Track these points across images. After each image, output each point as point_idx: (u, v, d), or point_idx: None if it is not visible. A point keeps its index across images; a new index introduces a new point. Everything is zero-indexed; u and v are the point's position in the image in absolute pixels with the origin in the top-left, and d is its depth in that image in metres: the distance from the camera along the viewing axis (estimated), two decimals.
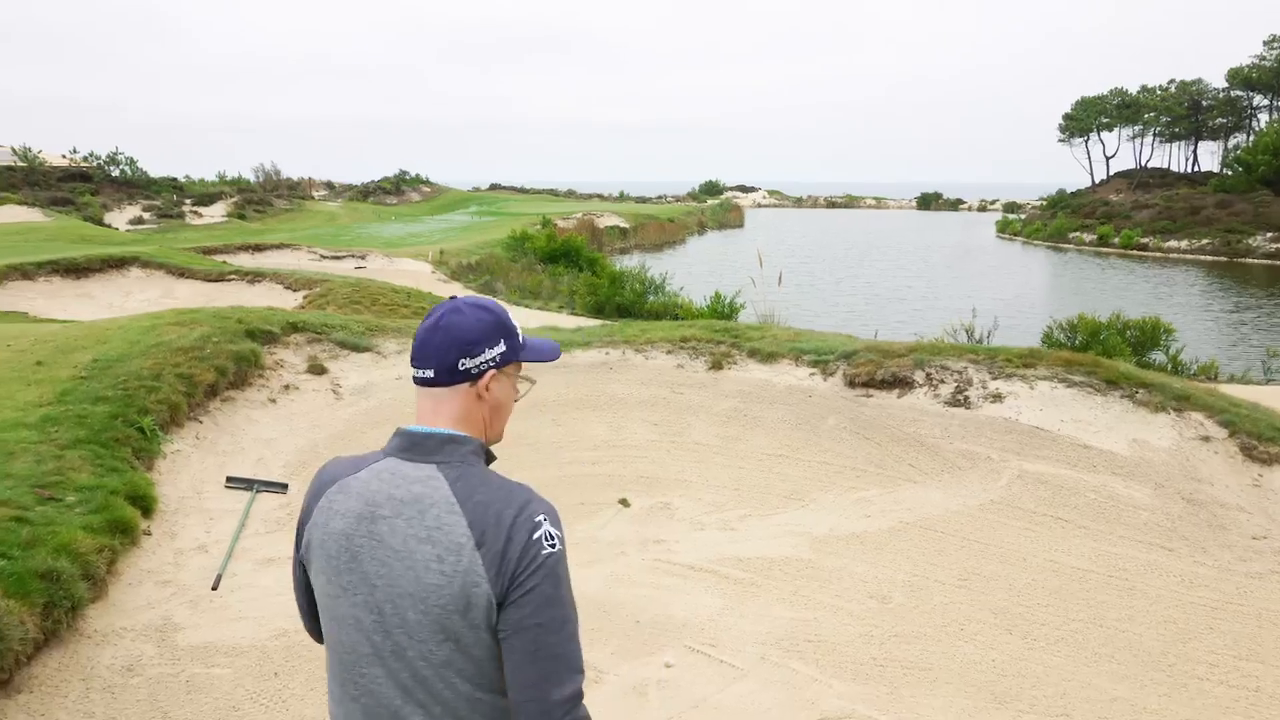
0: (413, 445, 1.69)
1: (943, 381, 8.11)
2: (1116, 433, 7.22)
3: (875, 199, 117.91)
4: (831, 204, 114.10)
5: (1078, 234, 55.77)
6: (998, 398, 7.80)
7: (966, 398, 7.89)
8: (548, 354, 1.87)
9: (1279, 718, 4.09)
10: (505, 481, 1.69)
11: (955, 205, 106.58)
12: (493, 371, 1.73)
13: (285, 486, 6.45)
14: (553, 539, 1.62)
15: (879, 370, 8.33)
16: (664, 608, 5.09)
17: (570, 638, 1.60)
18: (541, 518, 1.63)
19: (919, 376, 8.21)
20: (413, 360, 1.75)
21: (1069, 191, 72.48)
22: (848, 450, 7.46)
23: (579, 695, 1.59)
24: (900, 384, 8.22)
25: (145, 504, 5.51)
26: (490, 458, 1.77)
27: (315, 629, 1.83)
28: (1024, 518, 6.29)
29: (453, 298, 1.79)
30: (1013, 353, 8.39)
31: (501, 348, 1.74)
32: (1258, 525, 6.06)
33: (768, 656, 4.58)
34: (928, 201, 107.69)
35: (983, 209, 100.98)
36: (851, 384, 8.39)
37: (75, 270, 17.14)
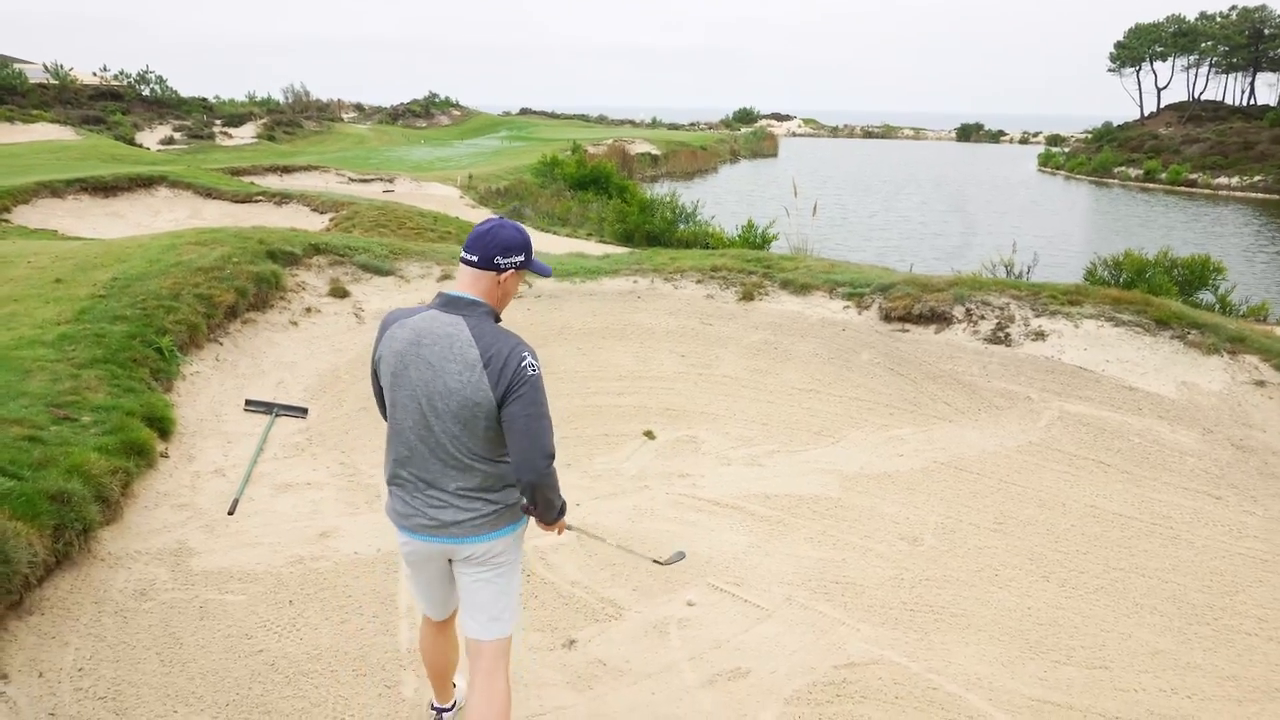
0: (448, 303, 2.68)
1: (983, 318, 7.78)
2: (1165, 375, 6.89)
3: (913, 130, 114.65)
4: (868, 134, 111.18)
5: (1123, 169, 53.90)
6: (1040, 336, 7.47)
7: (1007, 335, 7.57)
8: (543, 271, 2.86)
9: None
10: (504, 331, 2.66)
11: (996, 137, 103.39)
12: (512, 271, 2.71)
13: (305, 411, 6.34)
14: (534, 367, 2.61)
15: (916, 304, 8.01)
16: (687, 544, 4.92)
17: (546, 427, 2.62)
18: (525, 353, 2.61)
19: (958, 312, 7.88)
20: (464, 248, 2.69)
21: (1116, 124, 69.88)
22: (881, 386, 7.21)
23: (551, 457, 2.63)
24: (938, 319, 7.90)
25: (163, 426, 5.42)
26: (497, 318, 2.72)
27: (384, 412, 2.84)
28: (1064, 461, 6.03)
29: (499, 218, 2.75)
30: (1058, 289, 8.01)
31: (521, 257, 2.72)
32: None
33: (794, 597, 4.43)
34: (967, 133, 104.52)
35: (1025, 141, 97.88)
36: (887, 318, 8.08)
37: (104, 189, 17.03)
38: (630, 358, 7.80)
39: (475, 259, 2.65)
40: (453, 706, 3.35)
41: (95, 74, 48.19)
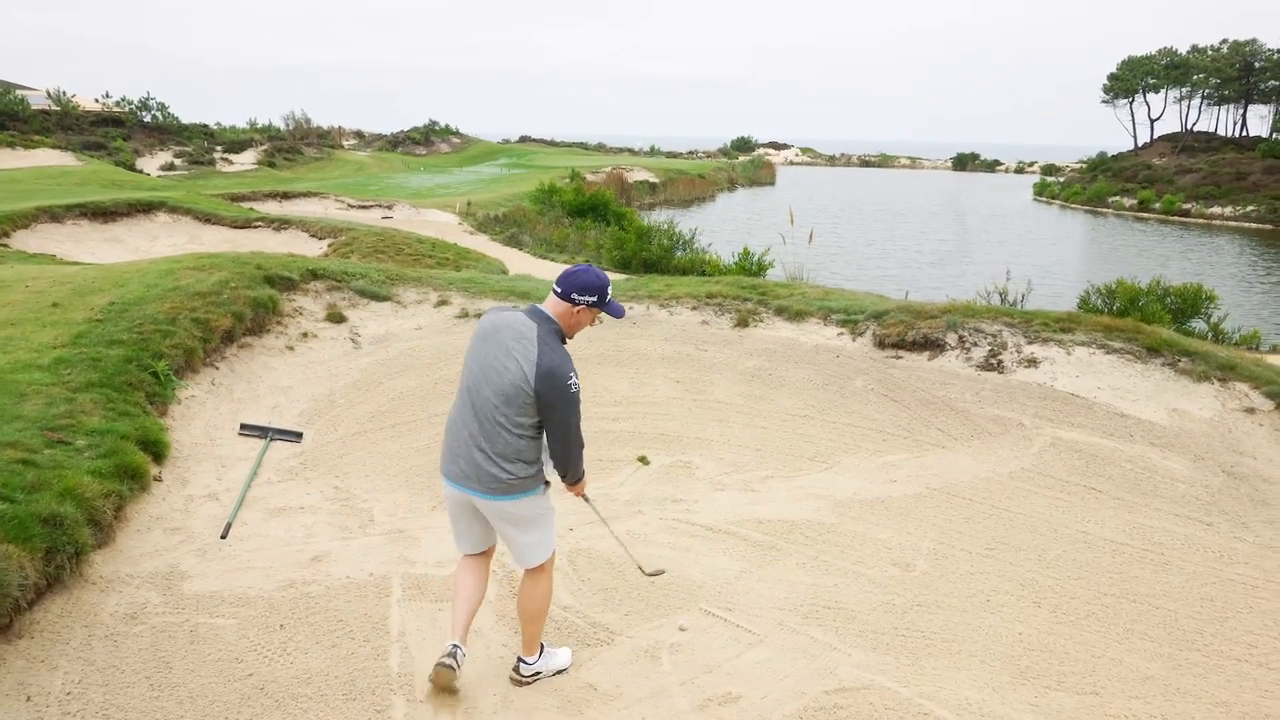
0: (532, 311, 3.44)
1: (976, 344, 7.84)
2: (1156, 402, 6.94)
3: (910, 159, 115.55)
4: (865, 163, 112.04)
5: (1117, 198, 54.33)
6: (1033, 362, 7.52)
7: (1000, 362, 7.62)
8: (616, 313, 3.58)
9: None
10: (562, 349, 3.42)
11: (992, 167, 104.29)
12: (584, 306, 3.44)
13: (299, 435, 6.35)
14: (575, 385, 3.39)
15: (910, 331, 8.07)
16: (681, 569, 4.94)
17: (576, 427, 3.49)
18: (571, 373, 3.37)
19: (951, 339, 7.94)
20: (555, 280, 3.45)
21: (1110, 154, 70.50)
22: (874, 412, 7.24)
23: (581, 447, 3.55)
24: (931, 346, 7.96)
25: (157, 449, 5.43)
26: (563, 338, 3.47)
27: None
28: (1056, 487, 6.06)
29: (588, 265, 3.61)
30: (1050, 317, 8.08)
31: (594, 298, 3.44)
32: None
33: (785, 623, 4.43)
34: (964, 162, 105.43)
35: (1020, 171, 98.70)
36: (881, 345, 8.14)
37: (103, 214, 17.15)
38: (625, 383, 7.83)
39: (559, 290, 3.43)
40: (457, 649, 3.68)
41: (97, 100, 48.59)
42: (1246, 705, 3.86)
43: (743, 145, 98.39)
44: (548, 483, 3.60)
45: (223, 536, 4.87)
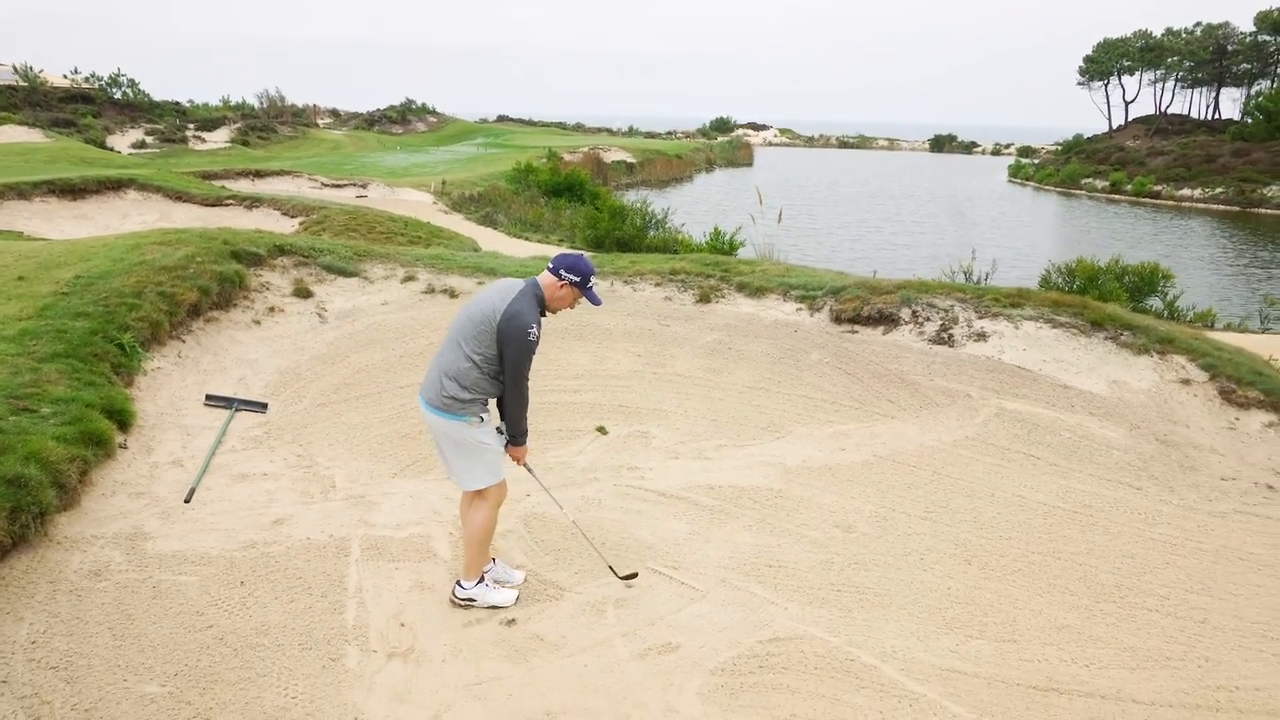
0: (528, 279, 4.07)
1: (928, 319, 8.08)
2: (1097, 374, 7.21)
3: (888, 140, 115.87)
4: (844, 144, 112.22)
5: (1090, 180, 54.87)
6: (982, 337, 7.77)
7: (951, 336, 7.86)
8: (594, 301, 4.19)
9: (1221, 647, 4.15)
10: (535, 309, 3.95)
11: (969, 148, 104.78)
12: (566, 283, 4.03)
13: (264, 406, 6.49)
14: (533, 333, 3.92)
15: (865, 306, 8.29)
16: (631, 531, 5.15)
17: (524, 375, 4.03)
18: (533, 326, 3.91)
19: (905, 314, 8.17)
20: (552, 259, 4.06)
21: (1086, 137, 71.11)
22: (828, 385, 7.47)
23: (522, 379, 4.03)
24: (886, 321, 8.18)
25: (122, 418, 5.56)
26: (543, 302, 4.02)
27: None
28: (997, 454, 6.32)
29: (583, 254, 4.46)
30: (1000, 292, 8.33)
31: (577, 278, 4.03)
32: (1228, 467, 6.09)
33: (728, 580, 4.65)
34: (941, 144, 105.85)
35: (997, 153, 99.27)
36: (838, 320, 8.36)
37: (72, 191, 17.04)
38: (587, 357, 8.01)
39: (551, 266, 4.06)
40: (479, 581, 4.31)
41: (66, 76, 47.82)
42: (1151, 649, 4.13)
43: (721, 126, 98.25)
44: (483, 419, 4.10)
45: (186, 500, 5.02)
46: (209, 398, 6.42)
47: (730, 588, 4.58)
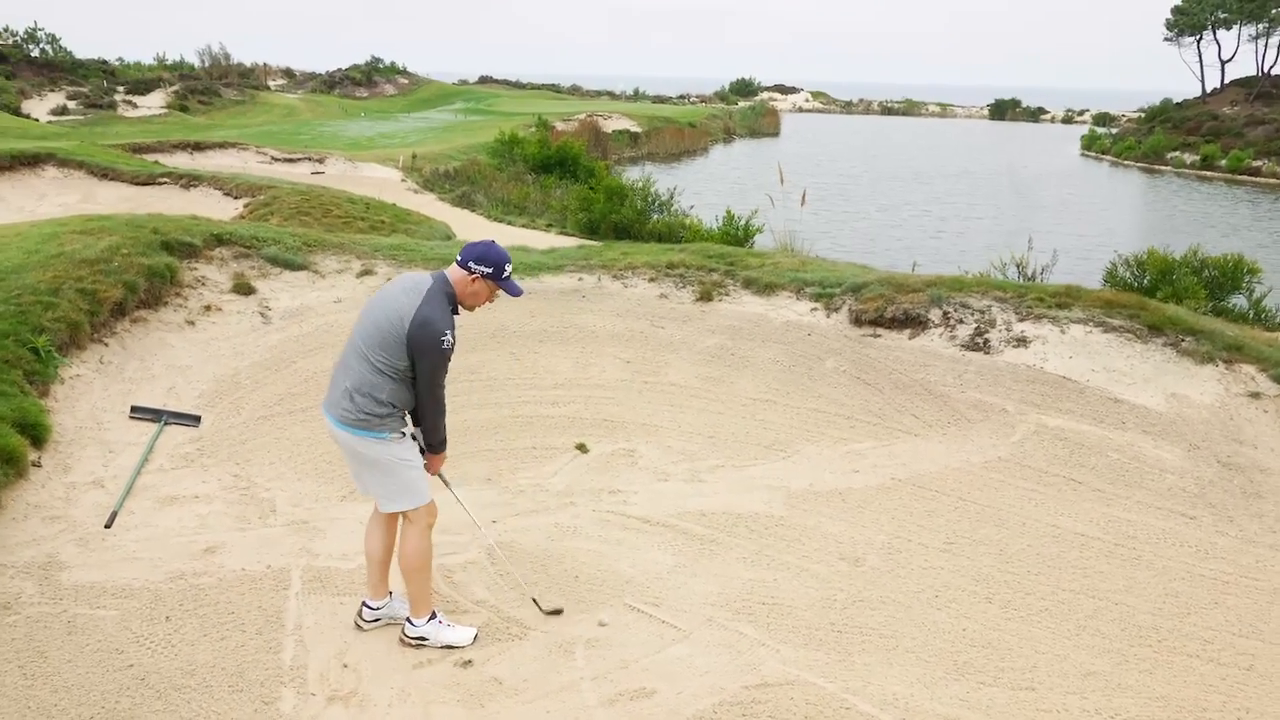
0: (434, 274, 4.21)
1: (961, 321, 8.30)
2: (1153, 386, 7.42)
3: (939, 105, 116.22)
4: (887, 110, 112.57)
5: (1177, 154, 54.97)
6: (1022, 342, 7.99)
7: (987, 341, 8.09)
8: (513, 292, 4.28)
9: (1265, 696, 4.36)
10: (444, 308, 4.09)
11: (1035, 115, 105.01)
12: (478, 275, 4.16)
13: (198, 419, 6.75)
14: (447, 340, 4.05)
15: (890, 306, 8.53)
16: (609, 563, 5.38)
17: (439, 384, 4.19)
18: (447, 332, 4.05)
19: (935, 315, 8.40)
20: (459, 251, 4.23)
21: (1175, 102, 71.13)
22: (844, 397, 7.70)
23: (437, 394, 4.21)
24: (913, 323, 8.41)
25: (36, 433, 5.82)
26: (453, 300, 4.16)
27: None
28: (1032, 478, 6.53)
29: (493, 241, 4.37)
30: (1046, 291, 8.55)
31: (489, 269, 4.16)
32: None
33: (715, 618, 4.87)
34: (1002, 110, 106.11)
35: (1068, 120, 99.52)
36: (858, 321, 8.59)
37: None
38: (569, 363, 8.26)
39: (459, 259, 4.18)
40: (380, 608, 4.59)
41: None
42: (1185, 699, 4.33)
43: (743, 89, 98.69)
44: (404, 434, 4.31)
45: (107, 526, 5.27)
46: (134, 410, 6.67)
47: (717, 627, 4.80)
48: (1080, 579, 5.36)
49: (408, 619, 4.51)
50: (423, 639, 4.47)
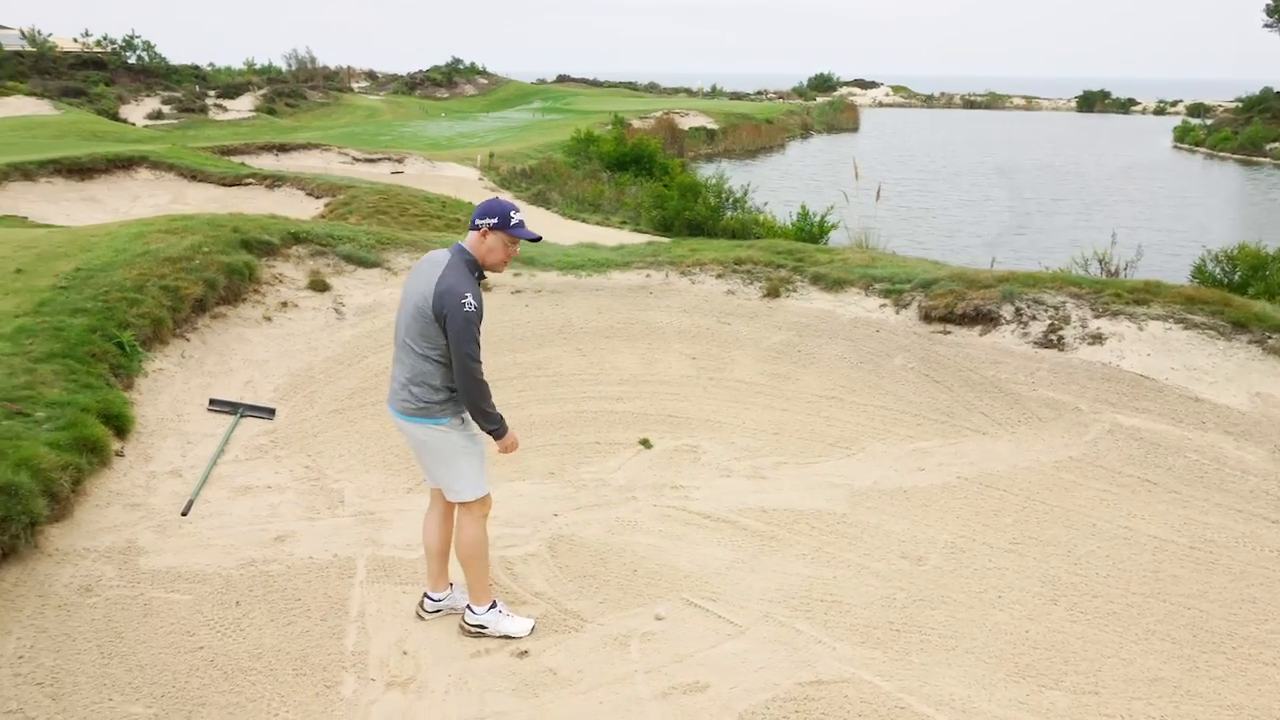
0: (454, 247, 4.30)
1: (1034, 318, 8.12)
2: (1237, 384, 7.16)
3: (1025, 98, 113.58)
4: (970, 103, 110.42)
5: (1277, 144, 52.84)
6: (1098, 339, 7.78)
7: (1061, 338, 7.89)
8: (527, 237, 4.29)
9: None
10: (468, 276, 4.17)
11: (1126, 107, 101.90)
12: (486, 228, 4.19)
13: (272, 412, 6.95)
14: (470, 305, 4.07)
15: (960, 303, 8.38)
16: (668, 558, 5.40)
17: (473, 354, 4.13)
18: (467, 295, 4.08)
19: (1007, 312, 8.23)
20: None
21: (1276, 91, 68.31)
22: (912, 394, 7.59)
23: (474, 370, 4.15)
24: (984, 320, 8.26)
25: (119, 424, 6.06)
26: (477, 266, 4.24)
27: None
28: (1105, 478, 6.36)
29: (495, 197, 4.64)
30: (1124, 286, 8.31)
31: (494, 220, 4.19)
32: None
33: (772, 614, 4.86)
34: (1090, 102, 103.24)
35: (1160, 112, 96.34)
36: (927, 318, 8.46)
37: (79, 171, 18.13)
38: (635, 359, 8.29)
39: (472, 224, 4.27)
40: (441, 599, 4.70)
41: (76, 40, 50.51)
42: (1259, 708, 4.18)
43: (822, 84, 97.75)
44: (464, 420, 4.36)
45: (183, 514, 5.47)
46: (213, 402, 6.91)
47: (773, 624, 4.79)
48: (1152, 582, 5.21)
49: (468, 606, 4.61)
50: (482, 627, 4.56)
